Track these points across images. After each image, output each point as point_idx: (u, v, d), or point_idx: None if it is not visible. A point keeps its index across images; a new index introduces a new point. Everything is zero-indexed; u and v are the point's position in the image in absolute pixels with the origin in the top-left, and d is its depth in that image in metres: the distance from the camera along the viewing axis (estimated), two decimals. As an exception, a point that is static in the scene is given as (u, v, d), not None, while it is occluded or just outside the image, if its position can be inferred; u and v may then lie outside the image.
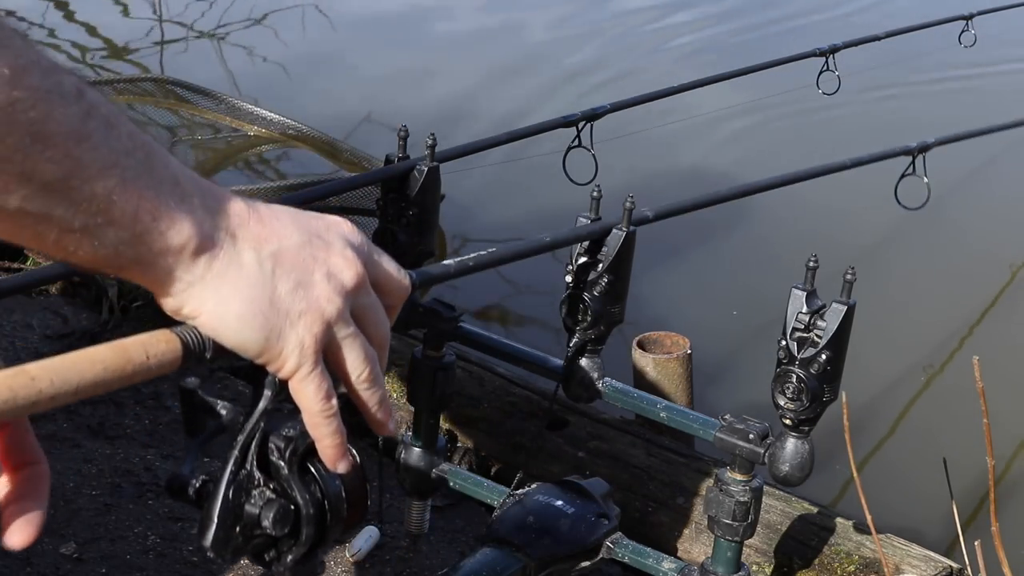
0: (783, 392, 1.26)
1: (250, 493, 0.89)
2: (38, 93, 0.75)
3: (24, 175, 0.76)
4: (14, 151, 0.74)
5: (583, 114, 2.00)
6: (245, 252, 0.84)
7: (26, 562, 1.55)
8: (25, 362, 0.74)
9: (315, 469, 0.93)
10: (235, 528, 0.88)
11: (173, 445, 1.89)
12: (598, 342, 1.38)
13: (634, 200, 1.32)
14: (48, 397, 0.71)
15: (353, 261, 0.89)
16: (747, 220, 3.44)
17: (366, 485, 0.96)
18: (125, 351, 0.76)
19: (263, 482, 0.90)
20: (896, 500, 2.29)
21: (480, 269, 1.19)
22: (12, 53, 0.73)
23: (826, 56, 2.79)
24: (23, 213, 0.77)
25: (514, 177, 2.95)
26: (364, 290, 0.90)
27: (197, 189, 0.84)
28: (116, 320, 2.24)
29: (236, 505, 0.88)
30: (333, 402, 0.88)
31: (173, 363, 0.80)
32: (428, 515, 1.63)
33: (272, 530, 0.89)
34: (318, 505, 0.92)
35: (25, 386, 0.70)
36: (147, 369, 0.77)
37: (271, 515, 0.88)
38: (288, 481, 0.91)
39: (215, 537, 0.87)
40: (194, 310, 0.82)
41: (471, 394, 1.96)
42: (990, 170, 4.04)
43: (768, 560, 1.63)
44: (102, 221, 0.79)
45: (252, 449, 0.89)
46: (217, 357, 0.83)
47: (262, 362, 0.84)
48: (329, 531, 0.93)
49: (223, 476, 0.88)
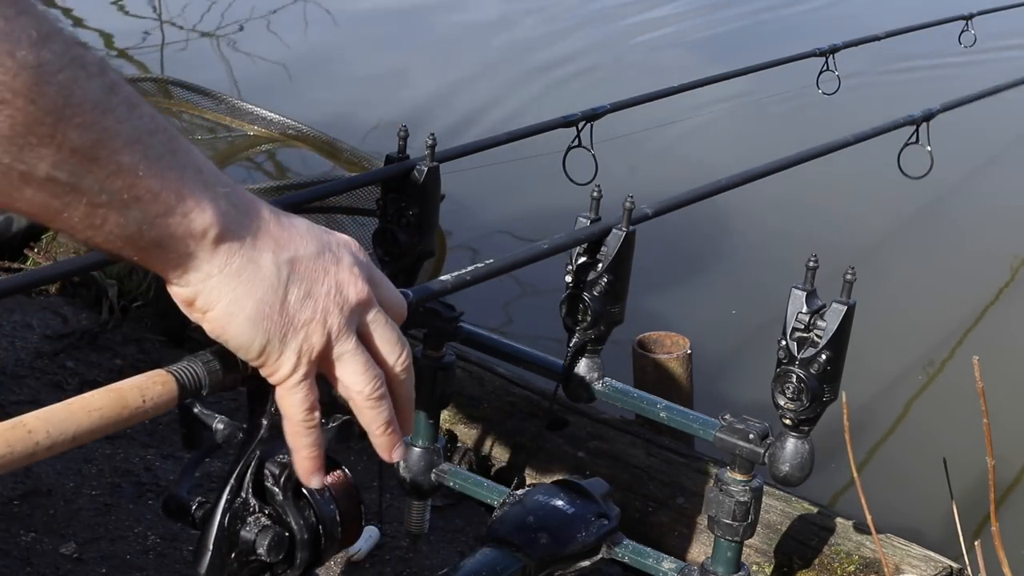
0: (783, 392, 1.26)
1: (245, 520, 0.90)
2: (64, 59, 0.74)
3: (54, 139, 0.75)
4: (46, 113, 0.74)
5: (583, 114, 2.00)
6: (264, 254, 0.84)
7: (26, 562, 1.55)
8: (25, 362, 0.74)
9: (309, 493, 0.94)
10: (230, 555, 0.89)
11: (173, 445, 1.89)
12: (598, 342, 1.37)
13: (634, 200, 1.32)
14: (44, 448, 0.71)
15: (360, 278, 0.89)
16: (747, 220, 3.44)
17: (360, 505, 0.97)
18: (121, 396, 0.76)
19: (258, 508, 0.90)
20: (896, 500, 2.30)
21: (478, 282, 1.19)
22: (36, 19, 0.73)
23: (826, 56, 2.79)
24: (53, 182, 0.76)
25: (514, 177, 2.94)
26: (371, 307, 0.90)
27: (220, 181, 0.83)
28: (116, 320, 2.24)
29: (231, 532, 0.89)
30: (315, 415, 0.87)
31: (169, 403, 0.80)
32: (428, 515, 1.63)
33: (267, 557, 0.90)
34: (312, 529, 0.93)
35: (22, 439, 0.70)
36: (143, 412, 0.77)
37: (266, 542, 0.89)
38: (283, 506, 0.91)
39: (210, 564, 0.88)
40: (207, 303, 0.82)
41: (471, 394, 1.96)
42: (990, 169, 4.05)
43: (768, 560, 1.63)
44: (128, 197, 0.78)
45: (248, 477, 0.90)
46: (214, 392, 0.84)
47: (257, 364, 0.84)
48: (324, 553, 0.94)
49: (219, 503, 0.89)
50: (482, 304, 2.97)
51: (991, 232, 3.67)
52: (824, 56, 2.79)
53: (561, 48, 5.17)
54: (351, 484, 0.96)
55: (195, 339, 2.24)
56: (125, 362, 2.13)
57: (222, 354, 0.83)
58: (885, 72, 4.32)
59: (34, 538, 1.61)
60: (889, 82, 4.32)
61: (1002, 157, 4.14)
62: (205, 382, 0.83)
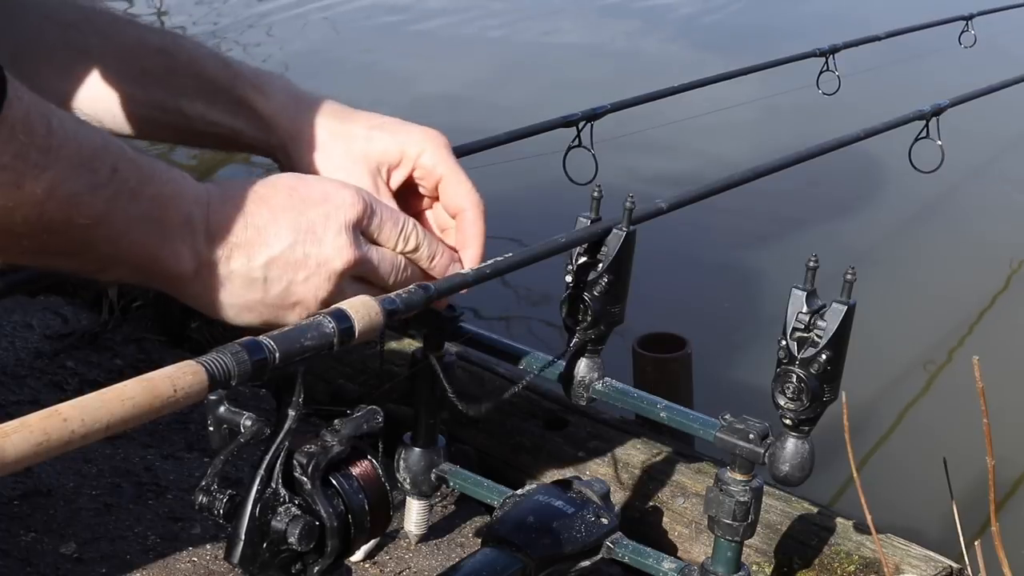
0: (783, 392, 1.26)
1: (276, 510, 0.91)
2: (68, 201, 0.88)
3: (37, 249, 0.90)
4: (30, 238, 0.88)
5: (583, 114, 2.00)
6: (235, 261, 1.00)
7: (26, 562, 1.55)
8: (25, 362, 0.75)
9: (337, 483, 0.95)
10: (262, 544, 0.90)
11: (173, 445, 1.89)
12: (598, 342, 1.37)
13: (634, 200, 1.32)
14: (80, 436, 0.73)
15: (347, 245, 1.04)
16: (748, 219, 3.44)
17: (388, 495, 0.98)
18: (153, 386, 0.78)
19: (288, 499, 0.92)
20: (896, 500, 2.30)
21: (478, 283, 1.19)
22: (57, 167, 0.86)
23: (826, 56, 2.79)
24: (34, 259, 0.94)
25: (514, 177, 2.94)
26: (360, 267, 1.05)
27: (202, 219, 0.99)
28: (116, 320, 2.24)
29: (262, 523, 0.90)
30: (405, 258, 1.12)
31: (200, 393, 0.82)
32: (428, 515, 1.63)
33: (298, 546, 0.91)
34: (342, 519, 0.94)
35: (58, 428, 0.72)
36: (175, 402, 0.79)
37: (297, 531, 0.90)
38: (312, 496, 0.93)
39: (243, 554, 0.89)
40: (204, 309, 1.01)
41: (471, 394, 1.96)
42: (991, 168, 4.05)
43: (768, 560, 1.63)
44: (109, 265, 0.96)
45: (277, 468, 0.91)
46: (242, 383, 0.85)
47: None
48: (354, 542, 0.95)
49: (249, 495, 0.90)
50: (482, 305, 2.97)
51: (992, 231, 3.67)
52: (824, 56, 2.79)
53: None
54: (379, 474, 0.98)
55: (195, 339, 2.24)
56: (125, 362, 2.13)
57: (249, 345, 0.86)
58: (885, 72, 4.32)
59: (34, 538, 1.61)
60: (889, 82, 4.32)
61: (1003, 156, 4.14)
62: (234, 373, 0.84)
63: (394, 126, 1.27)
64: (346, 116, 1.27)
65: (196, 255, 0.99)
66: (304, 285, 1.03)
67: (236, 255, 1.01)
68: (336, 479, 0.95)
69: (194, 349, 2.19)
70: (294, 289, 1.03)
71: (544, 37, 5.54)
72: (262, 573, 0.90)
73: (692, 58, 5.12)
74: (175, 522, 1.68)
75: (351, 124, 1.26)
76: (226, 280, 1.01)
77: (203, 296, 1.01)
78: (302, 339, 0.90)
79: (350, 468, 0.97)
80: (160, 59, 1.24)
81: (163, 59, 1.24)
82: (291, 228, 1.03)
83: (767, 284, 3.19)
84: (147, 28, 1.27)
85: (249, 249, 1.01)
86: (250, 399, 1.94)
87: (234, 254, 1.01)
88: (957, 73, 3.70)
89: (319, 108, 1.27)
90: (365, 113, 1.29)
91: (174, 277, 0.99)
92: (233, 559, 0.89)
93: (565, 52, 5.23)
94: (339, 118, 1.26)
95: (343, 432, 0.95)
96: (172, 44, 1.26)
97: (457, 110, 4.30)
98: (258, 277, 1.01)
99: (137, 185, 0.94)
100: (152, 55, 1.24)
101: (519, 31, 5.71)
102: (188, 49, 1.26)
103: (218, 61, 1.27)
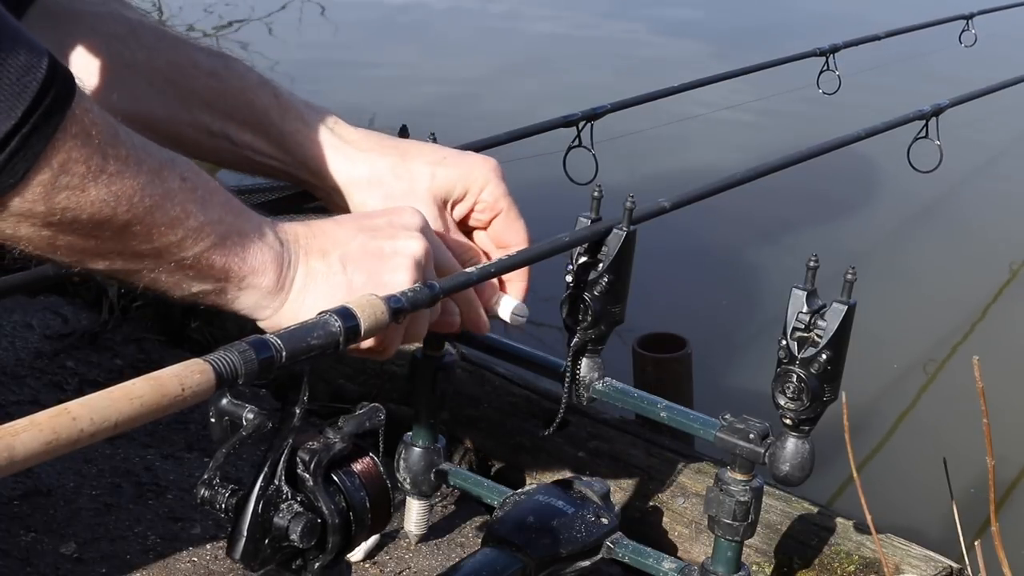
0: (783, 392, 1.26)
1: (278, 507, 0.91)
2: (146, 211, 0.90)
3: (116, 252, 0.93)
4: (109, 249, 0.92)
5: (583, 114, 2.00)
6: (313, 263, 1.03)
7: (26, 562, 1.55)
8: (25, 362, 0.75)
9: (339, 480, 0.95)
10: (264, 540, 0.90)
11: (173, 445, 1.89)
12: (598, 342, 1.37)
13: (635, 200, 1.32)
14: (89, 435, 0.73)
15: (416, 237, 1.09)
16: (748, 219, 3.44)
17: (389, 491, 0.99)
18: (161, 384, 0.78)
19: (290, 495, 0.92)
20: (897, 500, 2.30)
21: (478, 283, 1.20)
22: (134, 179, 0.89)
23: (826, 56, 2.79)
24: (110, 272, 0.97)
25: (514, 177, 2.94)
26: (431, 257, 1.10)
27: (272, 229, 1.02)
28: (116, 320, 2.24)
29: (265, 519, 0.90)
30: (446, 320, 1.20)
31: (207, 392, 0.82)
32: (428, 515, 1.63)
33: (300, 543, 0.91)
34: (343, 515, 0.95)
35: (67, 426, 0.72)
36: (183, 400, 0.79)
37: (299, 528, 0.91)
38: (314, 492, 0.93)
39: (245, 550, 0.89)
40: (291, 320, 0.98)
41: (471, 394, 1.95)
42: (991, 167, 4.05)
43: (768, 560, 1.63)
44: (192, 275, 0.98)
45: (281, 464, 0.91)
46: (249, 382, 0.85)
47: None
48: (354, 538, 0.95)
49: (252, 491, 0.90)
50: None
51: (991, 231, 3.67)
52: (824, 56, 2.79)
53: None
54: (380, 471, 0.98)
55: (195, 339, 2.24)
56: (125, 362, 2.13)
57: (256, 344, 0.86)
58: (885, 72, 4.32)
59: (34, 538, 1.61)
60: (889, 82, 4.32)
61: (1003, 156, 4.14)
62: (241, 371, 0.84)
63: (455, 159, 1.29)
64: (406, 153, 1.28)
65: (277, 265, 1.01)
66: (386, 275, 1.06)
67: (312, 256, 1.04)
68: (338, 476, 0.95)
69: (194, 349, 2.19)
70: (376, 279, 1.05)
71: (544, 37, 5.54)
72: (263, 569, 0.91)
73: (692, 58, 5.12)
74: (175, 522, 1.68)
75: (413, 162, 1.27)
76: (309, 278, 1.03)
77: (292, 307, 1.02)
78: (308, 338, 0.90)
79: (352, 465, 0.97)
80: (210, 82, 1.24)
81: (213, 82, 1.24)
82: (360, 230, 1.08)
83: (767, 284, 3.19)
84: (198, 48, 1.27)
85: (321, 251, 1.05)
86: (250, 399, 1.94)
87: (310, 256, 1.04)
88: (957, 73, 3.70)
89: (376, 147, 1.28)
90: (423, 147, 1.31)
91: (255, 291, 1.01)
92: (235, 555, 0.89)
93: (565, 52, 5.23)
94: (400, 155, 1.27)
95: (345, 429, 0.95)
96: (223, 68, 1.26)
97: (457, 110, 4.30)
98: (337, 268, 1.04)
99: (207, 191, 0.96)
100: (202, 77, 1.24)
101: (519, 31, 5.71)
102: (240, 74, 1.26)
103: (268, 91, 1.27)
